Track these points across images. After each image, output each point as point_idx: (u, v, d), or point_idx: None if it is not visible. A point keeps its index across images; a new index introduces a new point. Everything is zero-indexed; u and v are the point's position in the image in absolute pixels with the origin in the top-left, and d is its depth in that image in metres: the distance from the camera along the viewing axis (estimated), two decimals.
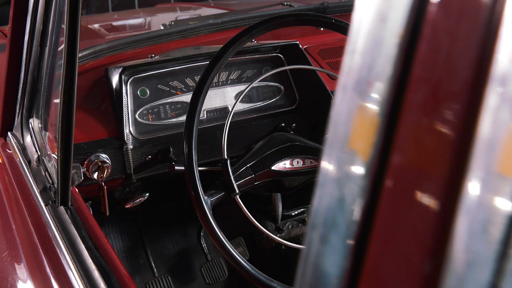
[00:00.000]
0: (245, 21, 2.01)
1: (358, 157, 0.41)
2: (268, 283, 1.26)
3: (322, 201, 0.42)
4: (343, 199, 0.41)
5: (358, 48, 0.42)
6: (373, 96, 0.41)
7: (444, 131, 0.35)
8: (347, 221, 0.40)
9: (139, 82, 1.62)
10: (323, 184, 0.42)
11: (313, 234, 0.42)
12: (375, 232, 0.38)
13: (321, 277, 0.41)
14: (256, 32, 1.38)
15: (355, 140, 0.42)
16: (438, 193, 0.35)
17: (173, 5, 3.26)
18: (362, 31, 0.42)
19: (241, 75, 1.77)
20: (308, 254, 0.43)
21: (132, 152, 1.54)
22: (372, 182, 0.39)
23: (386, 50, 0.40)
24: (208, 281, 2.14)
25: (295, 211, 2.32)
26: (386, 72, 0.39)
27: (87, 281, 0.90)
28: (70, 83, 0.99)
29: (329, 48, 1.92)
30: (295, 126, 1.79)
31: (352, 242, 0.39)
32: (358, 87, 0.42)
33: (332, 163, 0.43)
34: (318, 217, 0.42)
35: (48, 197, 1.16)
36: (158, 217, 2.24)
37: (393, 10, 0.39)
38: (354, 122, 0.42)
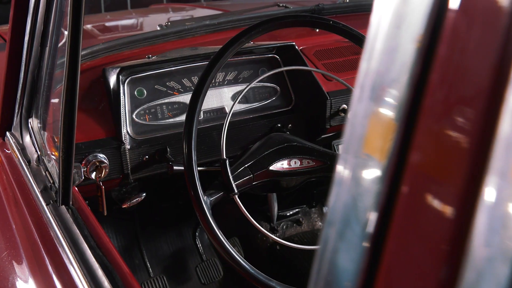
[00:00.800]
0: (242, 22, 2.02)
1: (375, 159, 0.41)
2: (267, 283, 1.27)
3: (339, 199, 0.42)
4: (360, 197, 0.42)
5: (375, 53, 0.42)
6: (390, 101, 0.41)
7: (463, 134, 0.36)
8: (364, 217, 0.41)
9: (136, 82, 1.63)
10: (340, 183, 0.43)
11: (329, 231, 0.43)
12: (392, 227, 0.39)
13: (337, 273, 0.42)
14: (255, 33, 1.39)
15: (372, 143, 0.43)
16: (456, 190, 0.36)
17: (168, 6, 3.27)
18: (379, 36, 0.42)
19: (238, 75, 1.78)
20: (324, 251, 0.43)
21: (129, 152, 1.54)
22: (390, 178, 0.40)
23: (403, 55, 0.40)
24: (203, 281, 2.15)
25: (290, 211, 2.33)
26: (403, 77, 0.40)
27: (91, 279, 0.90)
28: (72, 83, 0.99)
29: (325, 49, 1.94)
30: (291, 126, 1.80)
31: (369, 237, 0.40)
32: (374, 92, 0.42)
33: (348, 165, 0.44)
34: (334, 215, 0.42)
35: (49, 197, 1.16)
36: (153, 217, 2.24)
37: (412, 13, 0.39)
38: (371, 125, 0.43)
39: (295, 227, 2.37)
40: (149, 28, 2.45)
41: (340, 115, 1.81)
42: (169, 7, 3.10)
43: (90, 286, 0.89)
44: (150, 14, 2.81)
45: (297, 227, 2.38)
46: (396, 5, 0.40)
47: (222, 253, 1.26)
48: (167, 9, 2.98)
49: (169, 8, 3.03)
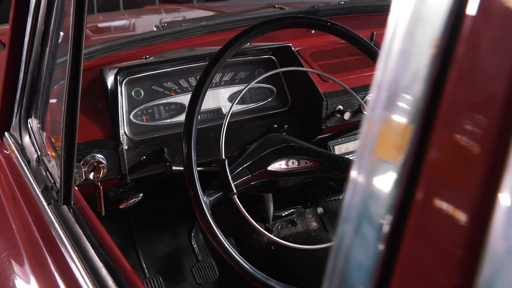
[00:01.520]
0: (238, 23, 2.03)
1: (390, 162, 0.42)
2: (266, 282, 1.28)
3: (355, 195, 0.43)
4: (375, 195, 0.42)
5: (391, 58, 0.43)
6: (406, 106, 0.42)
7: (479, 139, 0.36)
8: (380, 215, 0.42)
9: (134, 83, 1.63)
10: (356, 181, 0.44)
11: (345, 227, 0.43)
12: (410, 223, 0.40)
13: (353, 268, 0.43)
14: (254, 34, 1.40)
15: (387, 146, 0.43)
16: (472, 194, 0.36)
17: (162, 6, 3.27)
18: (396, 40, 0.43)
19: (234, 76, 1.79)
20: (339, 247, 0.44)
21: (127, 153, 1.55)
22: (406, 181, 0.40)
23: (419, 59, 0.41)
24: (199, 281, 2.15)
25: (285, 211, 2.34)
26: (418, 83, 0.40)
27: (95, 278, 0.91)
28: (74, 83, 1.00)
29: (320, 50, 1.95)
30: (287, 127, 1.81)
31: (386, 234, 0.41)
32: (390, 96, 0.43)
33: (363, 168, 0.44)
34: (350, 211, 0.43)
35: (50, 197, 1.16)
36: (149, 217, 2.24)
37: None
38: (387, 128, 0.43)
39: (290, 227, 2.39)
40: (145, 29, 2.45)
41: (336, 116, 1.82)
42: (164, 8, 3.11)
43: (94, 285, 0.89)
44: (145, 15, 2.81)
45: (292, 227, 2.39)
46: (413, 8, 0.41)
47: (222, 253, 1.27)
48: (162, 10, 2.98)
49: (163, 9, 3.03)
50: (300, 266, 2.20)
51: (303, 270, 2.19)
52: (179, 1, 6.09)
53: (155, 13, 2.88)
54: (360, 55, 1.96)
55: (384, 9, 2.36)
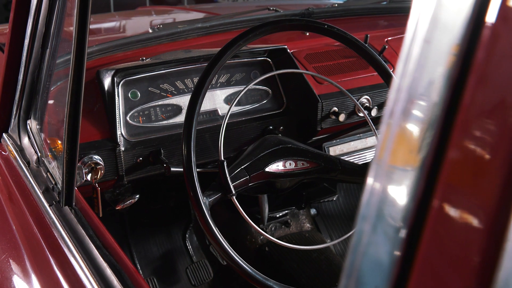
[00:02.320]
0: (233, 25, 2.04)
1: (407, 168, 0.43)
2: (265, 282, 1.29)
3: (373, 194, 0.44)
4: (392, 201, 0.43)
5: (407, 69, 0.43)
6: (423, 114, 0.42)
7: (496, 147, 0.37)
8: (397, 221, 0.42)
9: (130, 84, 1.64)
10: (372, 187, 0.44)
11: (363, 225, 0.44)
12: (429, 219, 0.40)
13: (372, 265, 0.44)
14: (252, 36, 1.41)
15: (404, 152, 0.44)
16: (490, 199, 0.37)
17: (154, 8, 3.27)
18: (414, 50, 0.43)
19: (230, 78, 1.80)
20: (357, 244, 0.45)
21: (123, 154, 1.55)
22: (424, 183, 0.41)
23: (435, 69, 0.41)
24: (193, 282, 2.16)
25: (279, 213, 2.35)
26: (434, 93, 0.41)
27: (100, 279, 0.91)
28: (77, 85, 1.00)
29: (315, 52, 1.96)
30: (283, 128, 1.82)
31: (405, 231, 0.41)
32: (407, 104, 0.43)
33: (380, 174, 0.45)
34: (368, 210, 0.44)
35: (51, 198, 1.16)
36: (143, 219, 2.24)
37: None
38: (403, 133, 0.44)
39: (284, 228, 2.39)
40: (140, 31, 2.45)
41: (331, 118, 1.83)
42: (156, 9, 3.11)
43: (99, 285, 0.90)
44: (138, 16, 2.81)
45: (285, 228, 2.40)
46: (432, 15, 0.42)
47: (221, 253, 1.28)
48: (154, 12, 2.98)
49: (156, 10, 3.04)
50: (294, 266, 2.21)
51: (297, 270, 2.20)
52: (170, 3, 6.10)
53: (148, 15, 2.88)
54: (354, 57, 1.98)
55: (378, 11, 2.39)
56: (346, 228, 2.66)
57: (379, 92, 1.89)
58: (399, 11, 2.42)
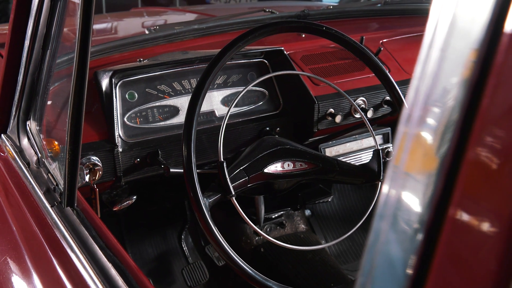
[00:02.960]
0: (229, 27, 2.04)
1: (425, 171, 0.43)
2: (265, 283, 1.30)
3: (391, 193, 0.45)
4: (407, 209, 0.43)
5: (425, 75, 0.44)
6: (440, 121, 0.42)
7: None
8: (416, 219, 0.43)
9: (128, 85, 1.64)
10: (393, 179, 0.45)
11: (381, 224, 0.45)
12: (445, 227, 0.40)
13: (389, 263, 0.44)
14: (252, 38, 1.42)
15: (420, 158, 0.44)
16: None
17: (148, 9, 3.27)
18: (431, 56, 0.44)
19: (227, 79, 1.80)
20: (375, 242, 0.46)
21: (121, 155, 1.55)
22: (440, 191, 0.41)
23: (453, 76, 0.42)
24: (189, 283, 2.16)
25: (275, 214, 2.36)
26: (451, 101, 0.41)
27: (105, 279, 0.91)
28: (80, 85, 1.00)
29: (311, 54, 1.97)
30: (279, 130, 1.83)
31: (420, 238, 0.42)
32: (424, 111, 0.43)
33: (395, 181, 0.45)
34: (386, 209, 0.44)
35: (53, 199, 1.16)
36: (139, 220, 2.24)
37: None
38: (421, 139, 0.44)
39: (279, 229, 2.40)
40: (134, 32, 2.46)
41: (328, 119, 1.84)
42: (150, 11, 3.11)
43: (104, 286, 0.90)
44: (133, 17, 2.81)
45: (280, 229, 2.41)
46: (451, 19, 0.42)
47: (221, 254, 1.28)
48: (149, 13, 2.98)
49: (150, 12, 3.04)
50: (289, 267, 2.22)
51: (292, 271, 2.20)
52: (161, 4, 6.09)
53: (142, 16, 2.88)
54: (350, 59, 1.99)
55: (372, 14, 2.40)
56: (341, 229, 2.67)
57: (375, 93, 1.91)
58: (394, 13, 2.44)
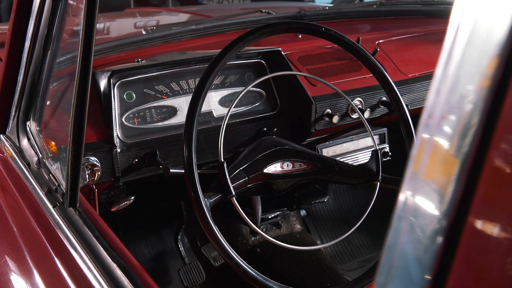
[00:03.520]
0: (226, 28, 2.04)
1: (441, 182, 0.43)
2: (265, 283, 1.30)
3: (413, 194, 0.45)
4: (424, 216, 0.44)
5: (446, 79, 0.43)
6: (459, 128, 0.42)
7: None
8: (434, 226, 0.43)
9: (126, 86, 1.63)
10: (412, 179, 0.45)
11: (400, 224, 0.45)
12: (464, 235, 0.40)
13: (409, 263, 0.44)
14: (252, 39, 1.42)
15: (438, 167, 0.44)
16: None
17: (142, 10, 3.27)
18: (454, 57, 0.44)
19: (224, 80, 1.80)
20: (394, 243, 0.46)
21: (119, 156, 1.55)
22: (459, 199, 0.41)
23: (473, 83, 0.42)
24: (186, 284, 2.16)
25: (271, 214, 2.36)
26: (472, 105, 0.41)
27: (110, 279, 0.91)
28: (83, 86, 1.00)
29: (308, 55, 1.98)
30: (277, 130, 1.83)
31: (443, 236, 0.42)
32: (442, 118, 0.43)
33: (413, 188, 0.45)
34: (406, 210, 0.45)
35: (54, 199, 1.16)
36: (136, 220, 2.24)
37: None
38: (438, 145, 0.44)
39: (274, 229, 2.41)
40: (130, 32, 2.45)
41: (325, 120, 1.85)
42: (146, 11, 3.10)
43: (110, 286, 0.90)
44: (128, 18, 2.81)
45: (276, 229, 2.41)
46: (473, 22, 0.42)
47: (222, 254, 1.28)
48: (144, 13, 2.98)
49: (145, 12, 3.03)
50: (285, 268, 2.22)
51: (288, 271, 2.21)
52: (154, 4, 6.07)
53: (137, 16, 2.87)
54: (346, 60, 2.00)
55: (368, 14, 2.41)
56: (336, 229, 2.68)
57: (371, 94, 1.91)
58: (389, 14, 2.45)
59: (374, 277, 1.44)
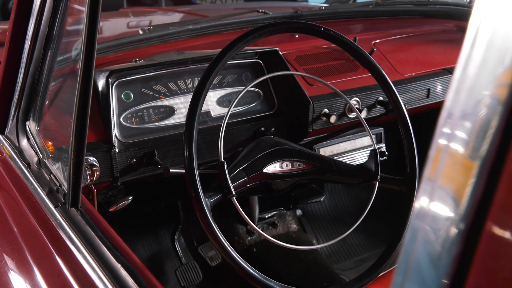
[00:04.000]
0: (223, 27, 2.05)
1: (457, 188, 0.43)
2: (266, 282, 1.30)
3: (430, 198, 0.45)
4: (441, 221, 0.44)
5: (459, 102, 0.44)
6: (479, 134, 0.42)
7: None
8: (451, 234, 0.43)
9: (124, 85, 1.63)
10: (429, 183, 0.45)
11: (417, 227, 0.45)
12: (485, 230, 0.41)
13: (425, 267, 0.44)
14: (252, 38, 1.42)
15: (455, 173, 0.44)
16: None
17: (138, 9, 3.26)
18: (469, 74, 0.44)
19: (222, 80, 1.80)
20: (410, 249, 0.46)
21: (118, 156, 1.55)
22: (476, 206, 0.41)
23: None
24: (183, 284, 2.16)
25: (267, 214, 2.36)
26: (490, 111, 0.41)
27: (114, 280, 0.91)
28: (86, 86, 1.00)
29: (305, 55, 1.98)
30: (274, 130, 1.83)
31: (462, 233, 0.42)
32: (462, 122, 0.43)
33: (431, 193, 0.45)
34: (422, 213, 0.45)
35: (56, 199, 1.16)
36: (133, 220, 2.23)
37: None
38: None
39: (271, 229, 2.41)
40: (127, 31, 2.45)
41: (322, 119, 1.85)
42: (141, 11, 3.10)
43: (115, 287, 0.90)
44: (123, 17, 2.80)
45: (273, 229, 2.42)
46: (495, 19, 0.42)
47: (223, 254, 1.29)
48: (139, 13, 2.97)
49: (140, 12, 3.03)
50: (281, 267, 2.23)
51: (284, 271, 2.22)
52: (148, 4, 6.06)
53: (133, 16, 2.86)
54: (343, 60, 2.01)
55: (364, 15, 2.42)
56: (331, 228, 2.69)
57: (368, 94, 1.92)
58: (385, 14, 2.46)
59: (371, 277, 1.45)
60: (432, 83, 2.08)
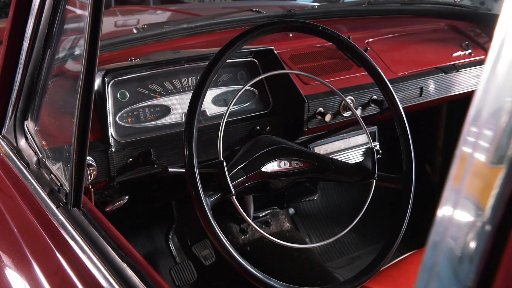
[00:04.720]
0: (217, 26, 2.04)
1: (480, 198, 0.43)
2: (266, 281, 1.31)
3: (449, 216, 0.45)
4: (463, 230, 0.44)
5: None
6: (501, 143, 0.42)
7: None
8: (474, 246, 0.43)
9: (119, 84, 1.62)
10: (452, 191, 0.45)
11: (434, 254, 0.45)
12: (505, 257, 0.40)
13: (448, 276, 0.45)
14: (250, 37, 1.43)
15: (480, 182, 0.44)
16: None
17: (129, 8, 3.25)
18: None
19: (217, 79, 1.80)
20: (432, 261, 0.46)
21: (114, 155, 1.54)
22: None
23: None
24: (177, 283, 2.16)
25: (261, 212, 2.37)
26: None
27: (121, 280, 0.91)
28: (88, 85, 0.99)
29: (299, 53, 1.98)
30: (269, 129, 1.83)
31: (493, 224, 0.42)
32: (486, 130, 0.43)
33: (454, 202, 0.45)
34: (445, 221, 0.45)
35: (57, 199, 1.15)
36: (126, 220, 2.23)
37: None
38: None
39: (264, 228, 2.42)
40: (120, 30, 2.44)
41: (317, 118, 1.86)
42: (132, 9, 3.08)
43: (121, 287, 0.89)
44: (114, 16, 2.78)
45: (266, 228, 2.42)
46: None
47: (223, 253, 1.29)
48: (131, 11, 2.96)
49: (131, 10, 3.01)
50: (275, 265, 2.23)
51: (278, 269, 2.22)
52: (134, 3, 6.03)
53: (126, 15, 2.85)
54: (337, 58, 2.01)
55: (357, 14, 2.43)
56: (324, 227, 2.70)
57: (362, 92, 1.93)
58: (378, 13, 2.47)
59: (369, 275, 1.46)
60: (425, 82, 2.09)
